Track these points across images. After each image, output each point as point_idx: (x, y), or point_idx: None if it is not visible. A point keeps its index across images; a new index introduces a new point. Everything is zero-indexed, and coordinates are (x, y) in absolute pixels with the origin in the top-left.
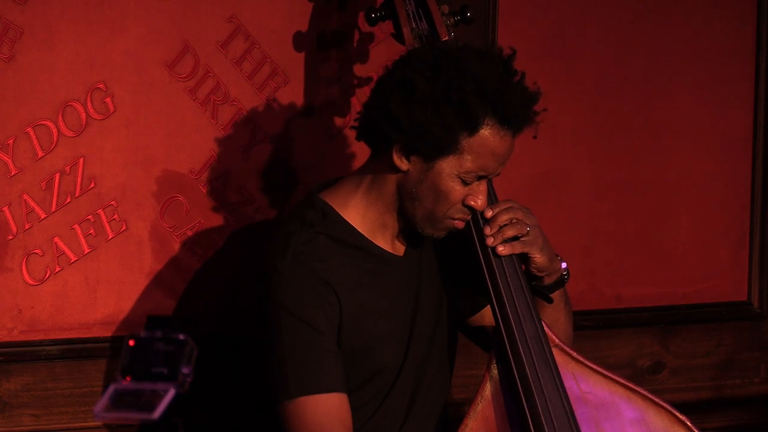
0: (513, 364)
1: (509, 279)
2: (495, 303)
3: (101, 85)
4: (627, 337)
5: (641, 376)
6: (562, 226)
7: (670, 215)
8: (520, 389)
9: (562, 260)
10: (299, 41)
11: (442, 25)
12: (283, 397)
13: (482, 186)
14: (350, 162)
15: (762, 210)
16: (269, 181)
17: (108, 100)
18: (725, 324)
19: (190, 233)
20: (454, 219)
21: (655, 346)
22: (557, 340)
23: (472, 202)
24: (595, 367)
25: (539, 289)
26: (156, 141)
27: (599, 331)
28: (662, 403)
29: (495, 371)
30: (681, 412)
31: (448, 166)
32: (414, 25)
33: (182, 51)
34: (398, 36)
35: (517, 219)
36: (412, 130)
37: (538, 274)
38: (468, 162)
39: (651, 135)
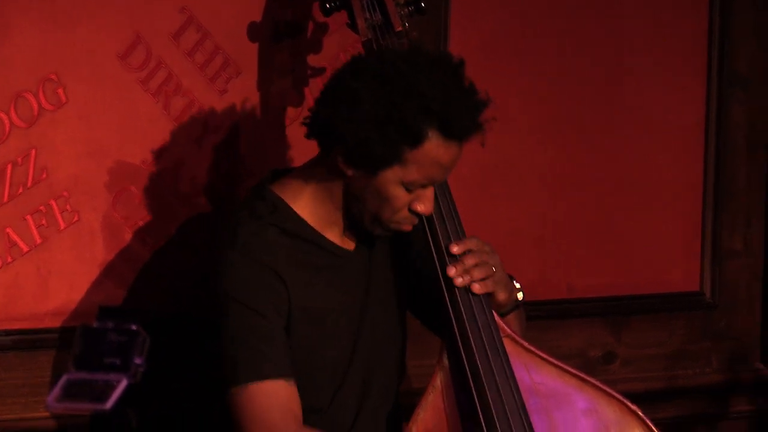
0: (463, 355)
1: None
2: (446, 293)
3: (53, 76)
4: (578, 327)
5: (593, 367)
6: (514, 217)
7: (623, 205)
8: (471, 380)
9: (515, 281)
10: (252, 32)
11: (396, 16)
12: (231, 384)
13: (429, 192)
14: (303, 153)
15: (714, 201)
16: (221, 172)
17: (60, 91)
18: (677, 314)
19: (141, 224)
20: (401, 223)
21: (607, 336)
22: (509, 331)
23: (419, 208)
24: (546, 357)
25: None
26: (108, 132)
27: (550, 322)
28: (614, 393)
29: (446, 361)
30: (633, 402)
31: (392, 175)
32: (368, 16)
33: (134, 42)
34: (353, 26)
35: (483, 261)
36: (354, 145)
37: (496, 308)
38: (413, 172)
39: (604, 126)
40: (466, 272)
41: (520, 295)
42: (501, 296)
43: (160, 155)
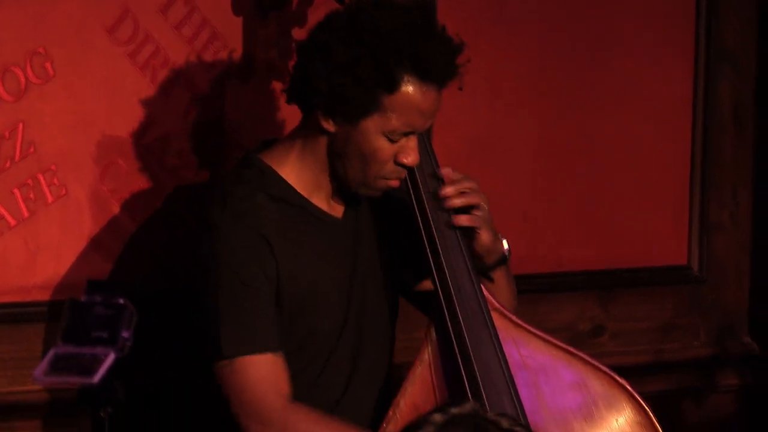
0: (451, 328)
1: (447, 242)
2: (433, 266)
3: (41, 50)
4: (567, 301)
5: (581, 340)
6: (502, 190)
7: (611, 179)
8: (458, 353)
9: (503, 239)
10: (238, 5)
11: None
12: (218, 358)
13: (411, 142)
14: (287, 124)
15: (701, 175)
16: (208, 144)
17: (48, 64)
18: (665, 288)
19: (129, 197)
20: (388, 179)
21: (596, 309)
22: (497, 304)
23: (404, 159)
24: (534, 331)
25: (480, 268)
26: (96, 105)
27: (539, 295)
28: (602, 367)
29: (434, 335)
30: (621, 375)
31: (372, 124)
32: None
33: (122, 16)
34: None
35: (473, 191)
36: (331, 94)
37: (481, 252)
38: (393, 120)
39: (592, 98)
40: (462, 194)
41: (505, 243)
42: (485, 236)
43: (148, 128)
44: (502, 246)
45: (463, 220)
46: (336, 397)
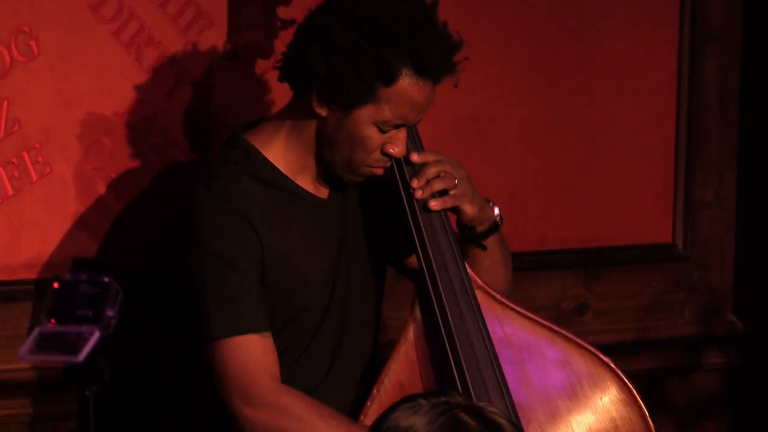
0: (435, 306)
1: (432, 221)
2: (417, 244)
3: (26, 28)
4: (551, 278)
5: (566, 318)
6: (488, 169)
7: (596, 158)
8: (443, 331)
9: (494, 206)
10: None
11: None
12: (207, 339)
13: (401, 133)
14: (273, 104)
15: (686, 154)
16: (193, 123)
17: (32, 43)
18: (650, 266)
19: (114, 176)
20: (372, 167)
21: (580, 288)
22: (480, 282)
23: (391, 150)
24: (518, 309)
25: (471, 237)
26: (80, 84)
27: (524, 273)
28: (586, 345)
29: (418, 313)
30: (605, 354)
31: (365, 114)
32: None
33: None
34: None
35: (445, 172)
36: (328, 80)
37: (469, 223)
38: (386, 111)
39: (578, 78)
40: (428, 185)
41: (496, 211)
42: (468, 209)
43: (133, 107)
44: (492, 212)
45: (434, 205)
46: (319, 378)
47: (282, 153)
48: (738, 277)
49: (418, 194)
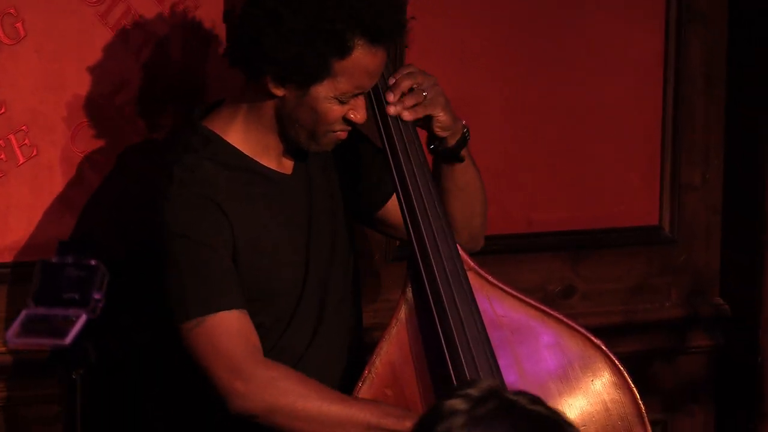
0: (427, 287)
1: (422, 194)
2: (410, 226)
3: (12, 11)
4: (537, 261)
5: (552, 301)
6: (473, 151)
7: (582, 139)
8: (435, 312)
9: (463, 121)
10: None
11: None
12: (184, 319)
13: (360, 101)
14: None
15: (673, 135)
16: (181, 106)
17: (19, 25)
18: (636, 248)
19: (101, 158)
20: (336, 131)
21: (566, 270)
22: (472, 264)
23: (352, 117)
24: (510, 290)
25: (447, 152)
26: (67, 66)
27: (510, 256)
28: (578, 327)
29: (410, 294)
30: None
31: (323, 90)
32: None
33: None
34: None
35: (417, 84)
36: (285, 62)
37: (443, 133)
38: (343, 83)
39: (562, 57)
40: (401, 101)
41: (464, 122)
42: (441, 116)
43: (120, 90)
44: (461, 123)
45: (408, 116)
46: (299, 356)
47: (242, 136)
48: (724, 259)
49: (391, 110)
